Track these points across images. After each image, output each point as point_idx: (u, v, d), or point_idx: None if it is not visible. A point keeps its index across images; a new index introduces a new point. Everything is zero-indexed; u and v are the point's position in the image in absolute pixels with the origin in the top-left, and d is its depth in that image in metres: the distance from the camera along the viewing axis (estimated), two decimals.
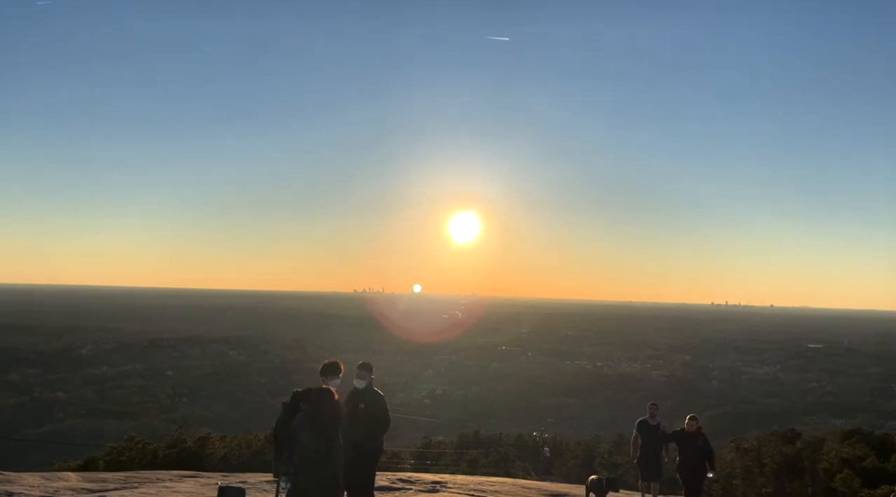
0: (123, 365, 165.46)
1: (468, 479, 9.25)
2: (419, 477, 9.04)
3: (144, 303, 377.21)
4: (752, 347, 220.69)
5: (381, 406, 7.52)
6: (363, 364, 7.67)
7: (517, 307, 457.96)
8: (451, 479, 8.93)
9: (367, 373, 7.62)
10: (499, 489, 8.20)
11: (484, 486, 8.43)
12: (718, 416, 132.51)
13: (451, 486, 8.23)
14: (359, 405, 7.33)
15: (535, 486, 9.05)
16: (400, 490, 7.89)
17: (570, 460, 63.95)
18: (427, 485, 8.28)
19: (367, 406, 7.36)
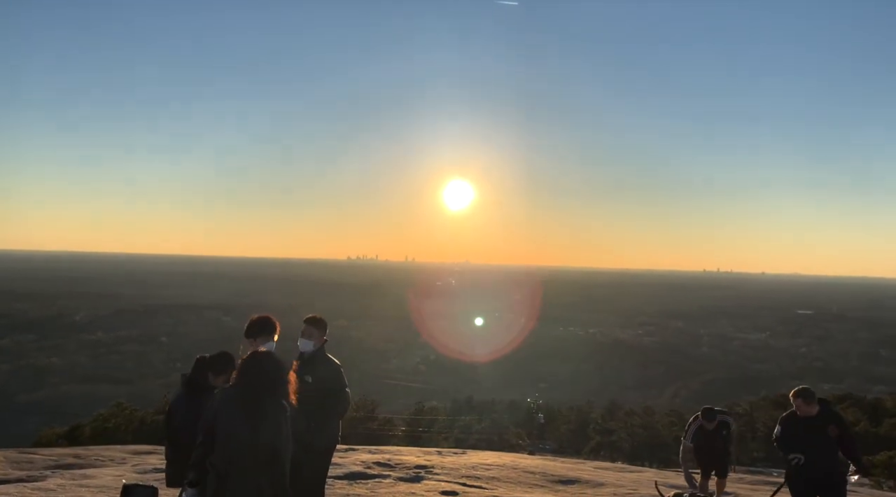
0: (118, 331, 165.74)
1: (459, 461, 8.07)
2: (401, 459, 7.86)
3: (139, 269, 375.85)
4: (744, 314, 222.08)
5: (336, 379, 5.14)
6: (311, 318, 5.36)
7: (510, 274, 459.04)
8: (438, 462, 7.74)
9: (317, 331, 5.26)
10: (496, 474, 6.98)
11: (478, 469, 7.28)
12: (710, 381, 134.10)
13: (439, 472, 7.06)
14: (304, 378, 4.89)
15: (539, 468, 7.59)
16: (376, 479, 6.53)
17: (563, 426, 64.74)
18: (409, 470, 7.12)
19: (317, 380, 5.03)
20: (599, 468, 9.07)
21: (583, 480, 6.81)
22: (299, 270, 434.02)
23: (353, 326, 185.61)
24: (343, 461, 7.40)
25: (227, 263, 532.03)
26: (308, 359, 5.22)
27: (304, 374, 4.99)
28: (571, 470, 7.61)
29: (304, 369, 5.10)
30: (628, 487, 6.22)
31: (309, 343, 5.25)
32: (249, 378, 3.96)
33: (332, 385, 5.14)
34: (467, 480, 6.55)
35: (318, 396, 4.99)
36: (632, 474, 8.27)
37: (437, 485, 6.27)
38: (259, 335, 4.94)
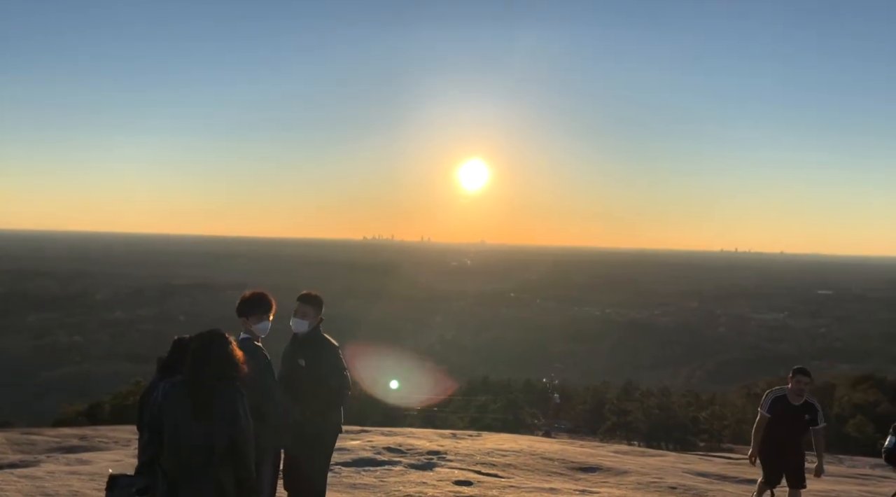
0: (137, 310, 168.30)
1: (474, 446, 7.56)
2: (413, 444, 7.36)
3: (157, 249, 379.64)
4: (761, 294, 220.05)
5: (333, 362, 4.58)
6: (306, 296, 4.77)
7: (526, 254, 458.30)
8: (452, 448, 7.25)
9: (313, 309, 4.67)
10: (512, 461, 6.56)
11: (493, 455, 6.79)
12: (726, 361, 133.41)
13: (452, 458, 6.59)
14: (297, 361, 4.53)
15: (558, 454, 7.10)
16: (385, 466, 6.12)
17: (578, 406, 64.64)
18: (421, 456, 6.62)
19: (312, 363, 4.51)
20: (619, 452, 8.62)
21: (604, 468, 6.44)
22: (315, 250, 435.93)
23: (368, 306, 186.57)
24: (352, 446, 7.11)
25: (243, 243, 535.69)
26: (302, 340, 4.67)
27: (298, 358, 4.57)
28: (591, 456, 7.12)
29: (298, 352, 4.61)
30: (653, 475, 5.84)
31: (303, 323, 4.64)
32: (195, 364, 3.39)
33: (330, 369, 4.54)
34: (482, 468, 6.20)
35: (314, 382, 4.46)
36: (653, 459, 7.82)
37: (451, 473, 5.92)
38: (252, 314, 4.34)
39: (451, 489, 5.48)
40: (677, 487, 5.47)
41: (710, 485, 5.81)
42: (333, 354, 4.62)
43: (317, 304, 4.75)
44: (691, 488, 5.50)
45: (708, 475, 6.34)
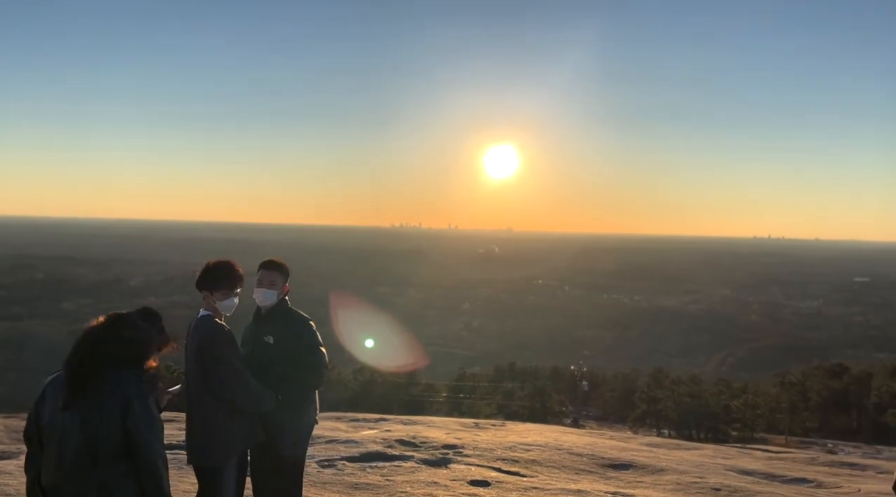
0: (170, 296, 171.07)
1: (495, 439, 6.83)
2: (428, 436, 6.63)
3: (188, 236, 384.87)
4: (795, 281, 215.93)
5: (305, 339, 3.82)
6: (271, 262, 4.01)
7: (553, 242, 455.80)
8: (470, 441, 6.48)
9: (280, 276, 3.92)
10: (536, 457, 5.86)
11: (516, 450, 6.08)
12: (758, 349, 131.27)
13: (469, 453, 5.88)
14: (264, 339, 3.81)
15: (587, 449, 6.36)
16: (395, 461, 5.48)
17: (607, 393, 64.03)
18: (436, 451, 5.92)
19: (281, 341, 3.78)
20: (652, 445, 7.97)
21: (638, 465, 5.79)
22: (343, 237, 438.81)
23: (395, 293, 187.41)
24: (363, 438, 6.50)
25: (271, 230, 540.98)
26: (268, 315, 3.89)
27: (264, 334, 3.82)
28: (623, 450, 6.43)
29: (264, 328, 3.85)
30: (692, 474, 5.27)
31: (271, 293, 3.86)
32: (77, 345, 2.70)
33: (301, 347, 3.75)
34: (502, 465, 5.56)
35: (287, 362, 3.69)
36: (690, 454, 7.11)
37: (467, 471, 5.31)
38: (218, 288, 3.62)
39: (466, 490, 4.92)
40: (721, 489, 4.88)
41: (758, 485, 5.22)
42: (305, 328, 3.85)
43: (283, 271, 4.00)
44: (738, 490, 4.91)
45: (753, 473, 5.74)
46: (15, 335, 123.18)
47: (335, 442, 6.17)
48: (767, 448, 10.08)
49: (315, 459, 5.38)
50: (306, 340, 3.80)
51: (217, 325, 3.55)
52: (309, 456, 5.27)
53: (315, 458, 5.45)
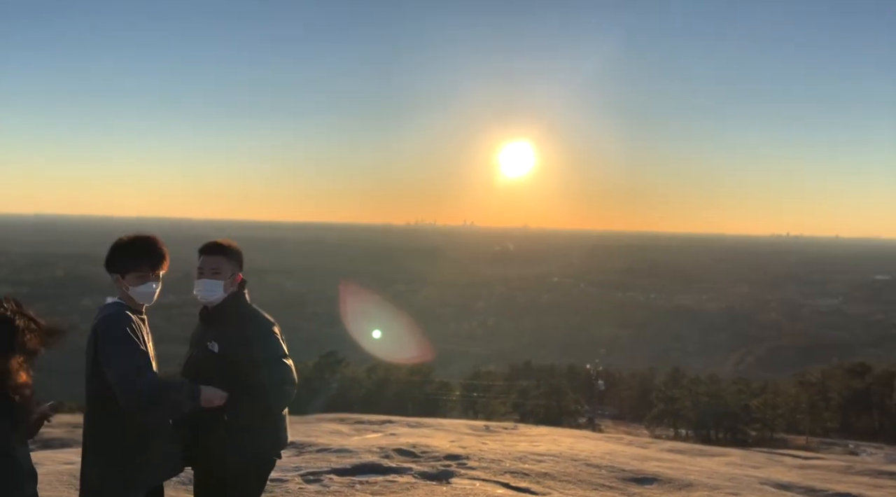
0: (187, 293, 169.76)
1: (503, 448, 6.11)
2: (430, 445, 5.94)
3: (204, 234, 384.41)
4: (815, 279, 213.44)
5: (264, 350, 2.80)
6: (215, 245, 2.96)
7: (569, 239, 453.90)
8: (476, 451, 5.76)
9: (228, 263, 2.90)
10: (549, 469, 5.18)
11: (526, 461, 5.40)
12: (776, 348, 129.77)
13: (475, 465, 5.23)
14: (205, 344, 2.86)
15: (606, 459, 5.68)
16: (391, 474, 4.86)
17: (623, 392, 63.31)
18: (437, 462, 5.27)
19: (228, 348, 2.78)
20: (675, 452, 7.43)
21: (662, 478, 5.12)
22: (359, 235, 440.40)
23: (410, 291, 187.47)
24: (358, 446, 5.86)
25: (286, 228, 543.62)
26: (215, 314, 2.84)
27: (209, 340, 2.78)
28: (644, 460, 5.80)
29: (209, 332, 2.82)
30: (726, 490, 4.69)
31: (214, 286, 2.79)
32: None
33: (257, 356, 2.70)
34: (511, 479, 4.91)
35: (230, 378, 2.64)
36: (717, 463, 6.45)
37: (470, 487, 4.65)
38: (129, 269, 2.62)
39: None
40: None
41: None
42: (265, 335, 2.78)
43: (233, 256, 2.88)
44: None
45: (791, 487, 5.19)
46: None
47: (326, 451, 5.65)
48: (796, 453, 9.47)
49: (300, 472, 4.88)
50: (264, 350, 2.73)
51: (122, 312, 2.59)
52: (295, 468, 4.93)
53: (301, 470, 4.97)
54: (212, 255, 2.86)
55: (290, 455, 5.45)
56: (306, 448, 5.83)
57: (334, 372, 44.88)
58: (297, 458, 5.34)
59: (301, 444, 5.96)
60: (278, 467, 4.61)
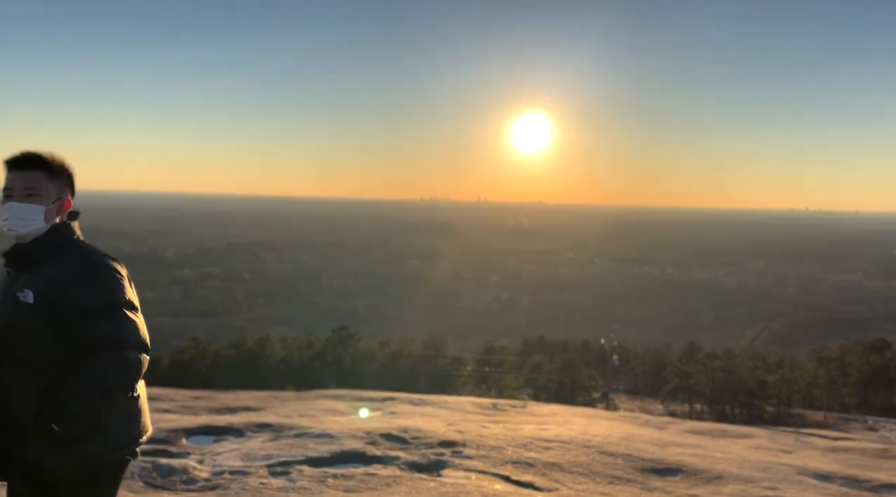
0: (203, 267, 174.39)
1: (508, 433, 5.32)
2: (423, 430, 5.22)
3: (221, 209, 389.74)
4: (833, 254, 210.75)
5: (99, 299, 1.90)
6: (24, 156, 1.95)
7: (584, 214, 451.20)
8: (475, 436, 5.00)
9: (42, 181, 1.95)
10: (557, 458, 4.50)
11: (532, 448, 4.71)
12: (794, 323, 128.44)
13: (472, 453, 4.55)
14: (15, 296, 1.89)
15: (622, 446, 4.95)
16: (373, 465, 4.23)
17: (637, 367, 62.88)
18: (430, 449, 4.60)
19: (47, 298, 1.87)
20: (695, 433, 6.82)
21: (687, 468, 4.45)
22: (374, 210, 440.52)
23: (424, 266, 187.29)
24: (342, 430, 5.09)
25: (303, 203, 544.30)
26: (29, 252, 1.98)
27: (20, 289, 1.91)
28: (665, 445, 5.34)
29: (21, 279, 1.95)
30: (761, 483, 4.09)
31: (31, 212, 1.95)
32: None
33: (87, 304, 1.91)
34: (513, 471, 4.20)
35: (52, 342, 1.89)
36: (743, 446, 5.80)
37: (463, 480, 3.94)
38: None
39: None
40: None
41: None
42: (99, 273, 1.98)
43: (59, 175, 2.04)
44: None
45: (832, 478, 4.63)
46: None
47: (305, 435, 4.96)
48: (822, 433, 8.90)
49: (269, 462, 4.23)
50: (96, 296, 1.91)
51: None
52: (264, 456, 4.35)
53: (270, 459, 4.31)
54: (25, 169, 1.95)
55: (264, 440, 4.90)
56: (284, 432, 5.22)
57: (347, 346, 44.70)
58: (270, 445, 4.77)
59: (279, 426, 5.39)
60: (244, 456, 4.04)
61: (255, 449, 4.30)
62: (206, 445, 4.56)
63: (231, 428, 5.07)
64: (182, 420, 5.44)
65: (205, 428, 5.14)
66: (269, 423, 5.17)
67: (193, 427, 5.09)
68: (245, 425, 5.22)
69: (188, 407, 6.90)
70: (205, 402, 7.44)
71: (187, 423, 5.23)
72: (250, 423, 5.34)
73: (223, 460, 4.09)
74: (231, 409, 6.94)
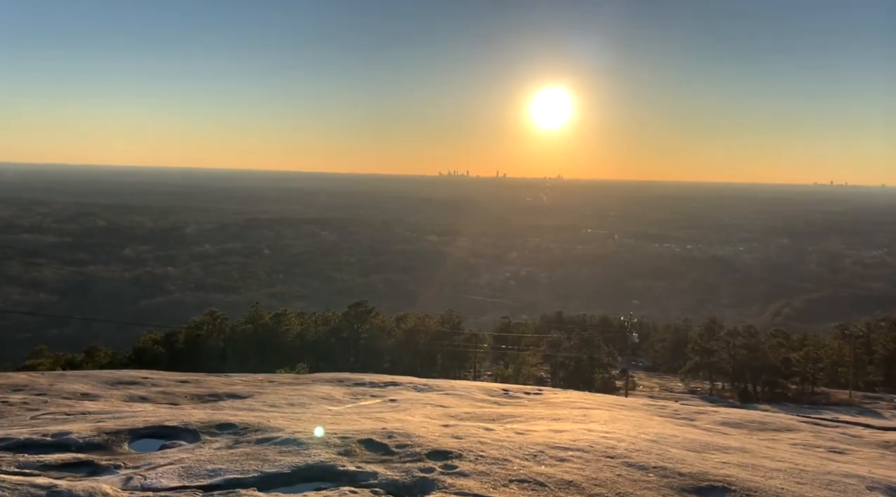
0: (224, 243, 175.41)
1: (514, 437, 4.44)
2: (409, 435, 4.36)
3: (241, 185, 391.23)
4: (858, 230, 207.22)
5: None
6: None
7: (604, 190, 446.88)
8: (475, 443, 4.14)
9: None
10: (574, 474, 3.65)
11: (542, 460, 3.83)
12: (816, 300, 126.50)
13: (468, 470, 3.64)
14: None
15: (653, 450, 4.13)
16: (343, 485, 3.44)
17: (657, 343, 61.88)
18: (415, 464, 3.72)
19: None
20: (729, 425, 6.00)
21: (738, 488, 3.54)
22: (392, 186, 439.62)
23: (443, 241, 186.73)
24: (309, 437, 4.23)
25: (321, 179, 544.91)
26: None
27: None
28: (703, 450, 4.47)
29: None
30: None
31: None
32: None
33: None
34: (518, 492, 3.35)
35: None
36: (793, 449, 4.82)
37: None
38: None
39: None
40: None
41: None
42: None
43: None
44: None
45: None
46: (80, 280, 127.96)
47: (269, 442, 4.12)
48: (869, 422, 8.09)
49: (211, 481, 3.39)
50: None
51: None
52: (209, 473, 3.54)
53: (216, 475, 3.48)
54: None
55: (219, 446, 4.10)
56: (247, 435, 4.38)
57: (363, 322, 44.27)
58: (223, 454, 3.88)
59: (243, 427, 4.52)
60: (184, 471, 3.28)
61: (202, 461, 3.53)
62: (149, 453, 3.70)
63: (186, 429, 4.24)
64: (138, 417, 4.62)
65: (155, 429, 4.36)
66: (233, 424, 4.29)
67: (142, 427, 4.31)
68: (203, 426, 4.40)
69: (168, 393, 6.24)
70: (190, 387, 6.77)
71: (139, 422, 4.49)
72: (211, 422, 4.56)
73: (156, 478, 3.32)
74: (216, 396, 6.30)
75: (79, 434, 3.79)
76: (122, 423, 4.16)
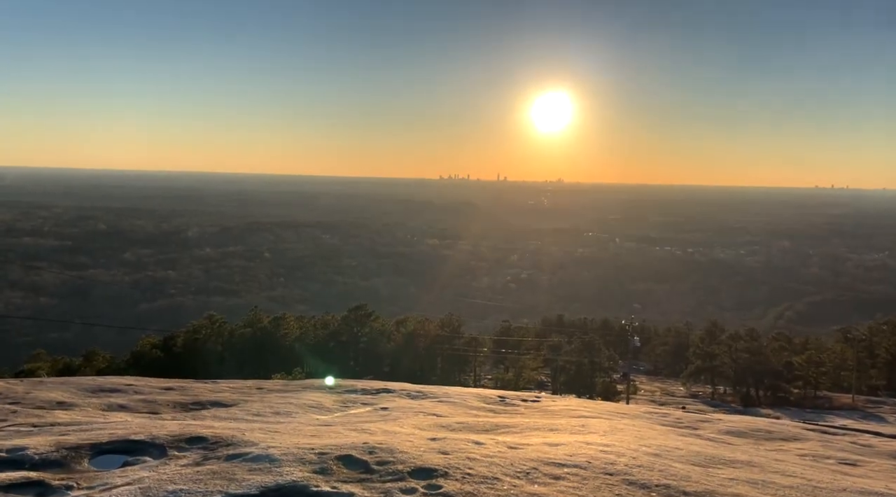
0: (225, 246, 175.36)
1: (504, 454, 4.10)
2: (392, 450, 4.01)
3: (242, 188, 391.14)
4: (859, 233, 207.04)
5: None
6: None
7: (605, 193, 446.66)
8: (463, 459, 3.80)
9: None
10: (562, 490, 3.47)
11: (535, 478, 3.63)
12: (818, 303, 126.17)
13: (454, 491, 3.50)
14: None
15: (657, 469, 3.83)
16: None
17: (658, 347, 61.53)
18: (398, 482, 3.52)
19: None
20: (734, 434, 5.75)
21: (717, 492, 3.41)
22: (393, 189, 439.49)
23: (444, 245, 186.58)
24: (289, 452, 3.92)
25: (322, 183, 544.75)
26: None
27: None
28: (710, 465, 4.20)
29: None
30: None
31: None
32: None
33: None
34: None
35: None
36: (801, 460, 4.50)
37: None
38: None
39: None
40: None
41: None
42: None
43: None
44: None
45: None
46: (80, 284, 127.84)
47: (240, 458, 3.85)
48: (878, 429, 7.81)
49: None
50: None
51: None
52: (169, 495, 3.25)
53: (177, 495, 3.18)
54: None
55: (185, 463, 3.81)
56: (217, 450, 4.08)
57: (363, 325, 43.99)
58: (188, 472, 3.61)
59: (215, 441, 4.23)
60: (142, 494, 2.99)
61: (163, 480, 3.26)
62: (108, 471, 3.45)
63: (153, 444, 3.93)
64: (106, 429, 4.33)
65: (120, 444, 4.04)
66: (204, 437, 4.04)
67: (106, 442, 4.01)
68: (173, 439, 4.12)
69: (150, 402, 5.97)
70: (174, 395, 6.50)
71: (104, 436, 4.22)
72: (181, 435, 4.31)
73: None
74: (200, 404, 6.04)
75: (35, 449, 3.49)
76: (85, 437, 3.88)
